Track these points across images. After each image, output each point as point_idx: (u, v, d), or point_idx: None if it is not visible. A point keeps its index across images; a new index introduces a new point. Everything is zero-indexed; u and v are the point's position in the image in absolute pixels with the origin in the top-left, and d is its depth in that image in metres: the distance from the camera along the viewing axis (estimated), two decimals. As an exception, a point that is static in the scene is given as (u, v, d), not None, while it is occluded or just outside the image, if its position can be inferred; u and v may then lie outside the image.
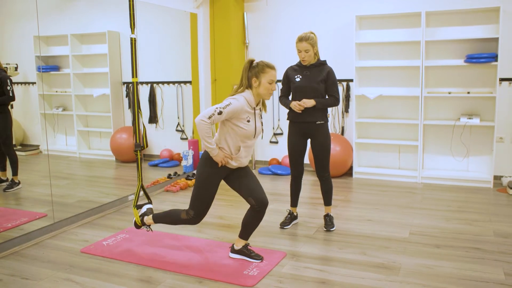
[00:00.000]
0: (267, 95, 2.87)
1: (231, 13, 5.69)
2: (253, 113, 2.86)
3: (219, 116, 2.72)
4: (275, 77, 2.86)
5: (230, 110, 2.73)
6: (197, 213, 2.92)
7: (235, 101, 2.77)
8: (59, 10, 4.80)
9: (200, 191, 2.90)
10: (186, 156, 5.51)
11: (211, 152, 2.80)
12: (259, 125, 2.93)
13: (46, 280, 2.79)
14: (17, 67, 4.09)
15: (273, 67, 2.86)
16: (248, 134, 2.84)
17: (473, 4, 4.80)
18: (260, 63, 2.85)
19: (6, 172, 4.07)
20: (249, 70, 2.85)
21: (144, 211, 3.28)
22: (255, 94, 2.86)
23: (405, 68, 5.21)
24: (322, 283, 2.70)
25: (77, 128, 5.07)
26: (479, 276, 2.76)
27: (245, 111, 2.80)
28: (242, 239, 3.04)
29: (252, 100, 2.84)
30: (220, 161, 2.83)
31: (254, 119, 2.86)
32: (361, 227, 3.66)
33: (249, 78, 2.84)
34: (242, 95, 2.83)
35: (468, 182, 4.93)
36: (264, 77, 2.81)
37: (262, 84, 2.82)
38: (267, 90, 2.84)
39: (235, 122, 2.80)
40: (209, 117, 2.70)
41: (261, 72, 2.82)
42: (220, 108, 2.72)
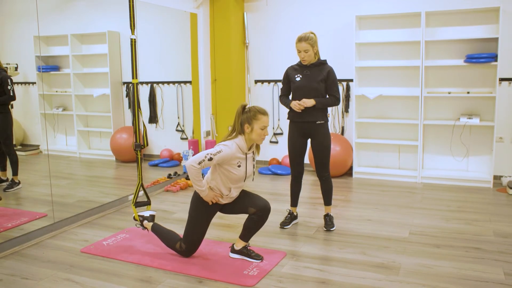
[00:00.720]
0: (260, 140, 2.91)
1: (231, 13, 5.69)
2: (245, 158, 2.91)
3: (209, 162, 2.78)
4: (267, 123, 2.90)
5: (220, 157, 2.79)
6: (188, 249, 3.04)
7: (226, 148, 2.81)
8: (59, 10, 4.80)
9: (191, 225, 3.00)
10: (186, 156, 5.51)
11: (201, 194, 2.88)
12: (251, 169, 2.98)
13: (46, 280, 2.79)
14: (17, 67, 4.09)
15: (265, 113, 2.89)
16: (239, 178, 2.91)
17: (473, 4, 4.81)
18: (252, 108, 2.88)
19: (6, 172, 4.08)
20: (241, 115, 2.88)
21: (147, 216, 3.34)
22: (248, 139, 2.90)
23: (405, 68, 5.22)
24: (322, 283, 2.70)
25: (77, 128, 5.07)
26: (479, 275, 2.76)
27: (236, 157, 2.85)
28: (242, 240, 3.05)
29: (244, 146, 2.88)
30: (210, 200, 2.91)
31: (245, 163, 2.92)
32: (361, 227, 3.66)
33: (241, 123, 2.88)
34: (235, 141, 2.86)
35: (468, 182, 4.93)
36: (256, 124, 2.85)
37: (255, 130, 2.86)
38: (259, 136, 2.88)
39: (225, 167, 2.86)
40: (199, 163, 2.76)
41: (253, 118, 2.85)
42: (210, 155, 2.77)
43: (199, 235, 3.01)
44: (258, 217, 2.95)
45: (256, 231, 3.04)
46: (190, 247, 3.03)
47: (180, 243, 3.06)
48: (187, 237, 3.02)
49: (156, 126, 5.86)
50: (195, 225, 2.99)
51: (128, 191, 4.59)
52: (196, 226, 2.99)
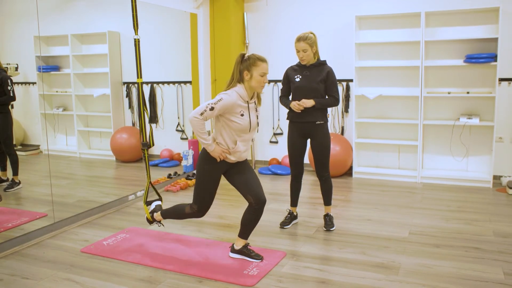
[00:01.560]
0: (259, 88, 2.86)
1: (231, 13, 5.70)
2: (247, 107, 2.85)
3: (211, 112, 2.73)
4: (266, 70, 2.85)
5: (222, 105, 2.73)
6: (200, 207, 2.96)
7: (227, 96, 2.76)
8: (60, 10, 4.80)
9: (201, 187, 2.93)
10: (186, 156, 5.51)
11: (208, 148, 2.82)
12: (254, 119, 2.91)
13: (47, 279, 2.80)
14: (18, 67, 4.09)
15: (264, 60, 2.85)
16: (243, 128, 2.83)
17: (473, 5, 4.81)
18: (251, 56, 2.84)
19: (7, 172, 4.08)
20: (240, 64, 2.84)
21: (153, 208, 3.31)
22: (248, 87, 2.85)
23: (405, 68, 5.22)
24: (322, 283, 2.71)
25: (77, 128, 5.08)
26: (479, 275, 2.76)
27: (238, 105, 2.79)
28: (241, 239, 3.05)
29: (244, 94, 2.83)
30: (218, 156, 2.84)
31: (249, 113, 2.86)
32: (361, 227, 3.67)
33: (240, 71, 2.83)
34: (234, 89, 2.82)
35: (467, 182, 4.94)
36: (255, 70, 2.81)
37: (254, 77, 2.82)
38: (259, 83, 2.83)
39: (228, 117, 2.80)
40: (201, 114, 2.72)
41: (253, 65, 2.81)
42: (211, 104, 2.72)
43: (209, 194, 2.94)
44: (254, 210, 2.91)
45: (253, 227, 3.01)
46: (201, 206, 2.95)
47: (190, 206, 3.00)
48: (197, 198, 2.95)
49: (156, 126, 5.86)
50: (204, 184, 2.91)
51: (128, 191, 4.60)
52: (205, 185, 2.91)
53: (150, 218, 3.29)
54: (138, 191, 4.60)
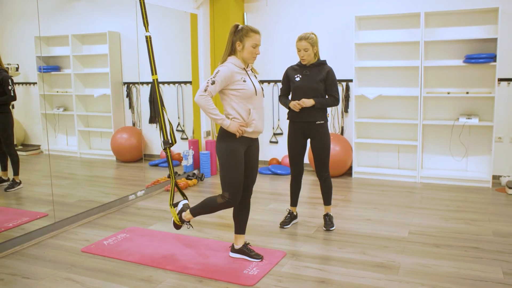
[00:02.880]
0: (251, 59, 2.86)
1: (231, 13, 5.70)
2: (245, 73, 2.86)
3: (213, 86, 2.72)
4: (259, 41, 2.85)
5: (221, 76, 2.74)
6: (232, 194, 2.83)
7: (223, 67, 2.78)
8: (60, 11, 4.81)
9: (227, 170, 2.82)
10: (186, 156, 5.52)
11: (223, 124, 2.76)
12: (257, 84, 2.91)
13: (47, 279, 2.81)
14: (18, 68, 4.10)
15: (257, 31, 2.85)
16: (249, 93, 2.82)
17: (472, 5, 4.82)
18: (244, 27, 2.85)
19: (7, 172, 4.09)
20: (234, 35, 2.84)
21: (181, 208, 3.14)
22: (240, 58, 2.85)
23: (404, 69, 5.23)
24: (321, 282, 2.72)
25: (77, 128, 5.08)
26: (478, 275, 2.77)
27: (237, 73, 2.80)
28: (239, 235, 3.06)
29: (238, 62, 2.84)
30: (237, 130, 2.77)
31: (250, 78, 2.86)
32: (361, 227, 3.67)
33: (233, 42, 2.84)
34: (228, 61, 2.84)
35: (467, 182, 4.94)
36: (248, 41, 2.81)
37: (246, 48, 2.82)
38: (251, 53, 2.84)
39: (232, 87, 2.79)
40: (204, 90, 2.71)
41: (245, 36, 2.81)
42: (211, 79, 2.73)
43: (238, 177, 2.82)
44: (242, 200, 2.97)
45: (246, 219, 3.05)
46: (233, 192, 2.83)
47: (220, 196, 2.87)
48: (227, 183, 2.83)
49: (157, 126, 5.87)
50: (230, 165, 2.81)
51: (129, 191, 4.60)
52: (231, 166, 2.81)
53: (178, 220, 3.10)
54: (138, 191, 4.61)
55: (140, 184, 4.87)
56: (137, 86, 5.44)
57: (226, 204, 2.87)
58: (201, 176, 5.40)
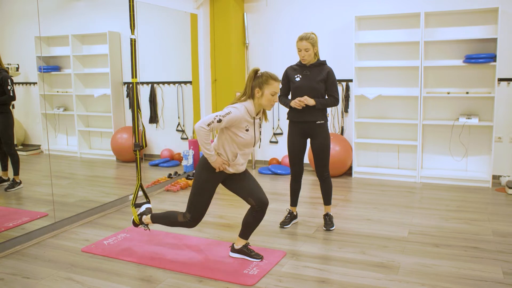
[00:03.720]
0: (269, 106, 2.89)
1: (231, 13, 5.71)
2: (252, 122, 2.89)
3: (218, 124, 2.75)
4: (278, 89, 2.88)
5: (229, 118, 2.76)
6: (193, 217, 2.96)
7: (235, 110, 2.79)
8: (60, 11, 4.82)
9: (197, 196, 2.93)
10: (187, 156, 5.52)
11: (209, 158, 2.84)
12: (258, 135, 2.96)
13: (47, 279, 2.81)
14: (19, 67, 4.10)
15: (277, 79, 2.88)
16: (246, 143, 2.88)
17: (472, 5, 4.82)
18: (264, 74, 2.87)
19: (8, 172, 4.09)
20: (253, 80, 2.87)
21: (143, 211, 3.31)
22: (257, 104, 2.88)
23: (404, 69, 5.23)
24: (321, 282, 2.72)
25: (78, 128, 5.09)
26: (478, 275, 2.78)
27: (245, 120, 2.83)
28: (242, 239, 3.06)
29: (252, 110, 2.86)
30: (218, 167, 2.87)
31: (253, 128, 2.90)
32: (361, 227, 3.68)
33: (252, 87, 2.86)
34: (243, 104, 2.85)
35: (466, 182, 4.95)
36: (267, 89, 2.83)
37: (265, 95, 2.84)
38: (269, 101, 2.86)
39: (233, 131, 2.83)
40: (208, 124, 2.73)
41: (265, 83, 2.83)
42: (219, 116, 2.75)
43: (204, 204, 2.93)
44: (257, 212, 2.94)
45: (255, 228, 3.03)
46: (195, 215, 2.94)
47: (183, 214, 2.99)
48: (191, 206, 2.94)
49: (157, 126, 5.88)
50: (200, 193, 2.91)
51: (129, 190, 4.61)
52: (201, 194, 2.91)
53: (137, 220, 3.28)
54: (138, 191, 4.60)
55: (140, 184, 4.87)
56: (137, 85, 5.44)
57: (186, 224, 3.00)
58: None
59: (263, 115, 3.00)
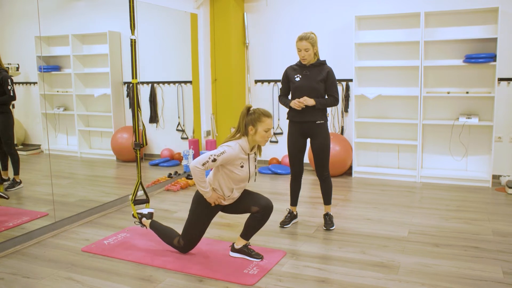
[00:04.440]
0: (263, 142, 2.93)
1: (231, 13, 5.71)
2: (247, 158, 2.93)
3: (213, 163, 2.80)
4: (271, 125, 2.92)
5: (224, 158, 2.81)
6: (186, 245, 3.08)
7: (230, 149, 2.83)
8: (60, 11, 4.82)
9: (192, 227, 3.03)
10: (187, 156, 5.53)
11: (205, 195, 2.91)
12: (253, 169, 3.00)
13: (47, 278, 2.81)
14: (19, 67, 4.11)
15: (269, 115, 2.91)
16: (242, 178, 2.93)
17: (472, 5, 4.82)
18: (256, 111, 2.90)
19: (8, 172, 4.10)
20: (246, 117, 2.90)
21: (145, 213, 3.38)
22: (251, 140, 2.92)
23: (404, 68, 5.24)
24: (321, 282, 2.72)
25: (78, 128, 5.09)
26: (478, 274, 2.78)
27: (239, 158, 2.87)
28: (243, 239, 3.07)
29: (246, 147, 2.90)
30: (213, 202, 2.94)
31: (248, 164, 2.94)
32: (361, 226, 3.68)
33: (246, 125, 2.89)
34: (238, 142, 2.89)
35: (466, 182, 4.95)
36: (260, 126, 2.87)
37: (258, 133, 2.88)
38: (263, 137, 2.90)
39: (229, 168, 2.88)
40: (203, 164, 2.78)
41: (258, 120, 2.87)
42: (214, 156, 2.79)
43: (198, 233, 3.05)
44: (261, 216, 2.98)
45: (257, 230, 3.05)
46: (188, 244, 3.07)
47: (178, 239, 3.10)
48: (186, 235, 3.06)
49: (157, 126, 5.88)
50: (195, 223, 3.02)
51: (129, 190, 4.60)
52: (196, 224, 3.02)
53: (136, 216, 3.40)
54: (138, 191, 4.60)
55: (140, 183, 4.87)
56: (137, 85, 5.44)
57: (179, 248, 3.12)
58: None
59: (258, 150, 3.04)
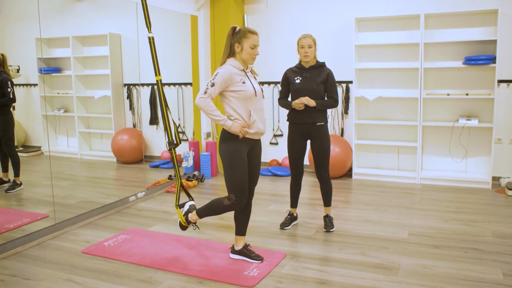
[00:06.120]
0: (250, 59, 2.88)
1: (231, 15, 5.72)
2: (245, 74, 2.88)
3: (213, 88, 2.73)
4: (257, 42, 2.87)
5: (220, 78, 2.75)
6: (238, 195, 2.84)
7: (222, 69, 2.80)
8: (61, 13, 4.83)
9: (232, 172, 2.83)
10: (187, 158, 5.53)
11: (225, 125, 2.78)
12: (257, 86, 2.92)
13: (48, 280, 2.81)
14: (19, 69, 4.12)
15: (255, 32, 2.87)
16: (249, 94, 2.83)
17: (472, 7, 4.83)
18: (242, 28, 2.87)
19: (8, 173, 4.10)
20: (232, 37, 2.86)
21: (187, 209, 3.16)
22: (239, 59, 2.87)
23: (404, 70, 5.24)
24: (321, 284, 2.72)
25: (78, 130, 5.10)
26: (478, 276, 2.78)
27: (236, 74, 2.82)
28: (240, 236, 3.06)
29: (238, 64, 2.86)
30: (239, 131, 2.79)
31: (249, 80, 2.88)
32: (361, 228, 3.68)
33: (231, 45, 2.86)
34: (227, 63, 2.86)
35: (466, 183, 4.95)
36: (246, 42, 2.83)
37: (245, 49, 2.84)
38: (250, 55, 2.85)
39: (231, 89, 2.81)
40: (204, 92, 2.73)
41: (243, 37, 2.83)
42: (211, 81, 2.75)
43: (243, 176, 2.83)
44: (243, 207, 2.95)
45: (247, 221, 3.04)
46: (239, 193, 2.83)
47: (227, 198, 2.88)
48: (232, 185, 2.83)
49: (157, 128, 5.88)
50: (233, 168, 2.81)
51: (129, 192, 4.61)
52: (234, 169, 2.81)
53: (184, 221, 3.12)
54: (138, 192, 4.62)
55: (141, 185, 4.87)
56: (137, 87, 5.46)
57: (233, 206, 2.88)
58: (202, 177, 5.41)
59: (252, 71, 2.99)
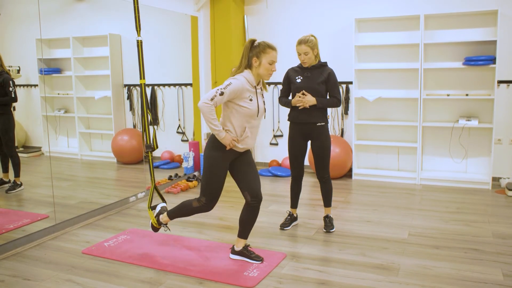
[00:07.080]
0: (267, 75, 2.86)
1: (232, 16, 5.72)
2: (255, 91, 2.86)
3: (221, 97, 2.70)
4: (275, 58, 2.86)
5: (231, 89, 2.72)
6: (208, 199, 2.90)
7: (235, 81, 2.76)
8: (61, 13, 4.83)
9: (209, 176, 2.87)
10: (187, 158, 5.53)
11: (218, 135, 2.79)
12: (262, 104, 2.91)
13: (48, 281, 2.82)
14: (20, 70, 4.12)
15: (274, 48, 2.86)
16: (252, 113, 2.83)
17: (471, 7, 4.84)
18: (261, 43, 2.85)
19: (8, 174, 4.10)
20: (250, 50, 2.85)
21: (159, 210, 3.23)
22: (255, 74, 2.85)
23: (404, 71, 5.25)
24: (321, 284, 2.73)
25: (78, 130, 5.10)
26: (478, 277, 2.78)
27: (247, 90, 2.80)
28: (241, 239, 3.06)
29: (252, 79, 2.84)
30: (228, 144, 2.80)
31: (256, 98, 2.86)
32: (361, 228, 3.68)
33: (249, 58, 2.84)
34: (242, 74, 2.83)
35: (466, 184, 4.95)
36: (265, 58, 2.82)
37: (263, 65, 2.82)
38: (267, 70, 2.84)
39: (237, 102, 2.79)
40: (211, 99, 2.69)
41: (262, 52, 2.82)
42: (221, 89, 2.71)
43: (218, 184, 2.88)
44: (251, 208, 2.91)
45: (252, 225, 3.01)
46: (210, 198, 2.90)
47: (197, 200, 2.95)
48: (205, 188, 2.89)
49: (157, 128, 5.89)
50: (213, 172, 2.86)
51: (129, 192, 4.62)
52: (214, 174, 2.86)
53: (156, 223, 3.20)
54: (139, 193, 4.62)
55: (141, 186, 4.88)
56: (137, 88, 5.46)
57: (201, 208, 2.96)
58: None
59: (263, 86, 2.97)
